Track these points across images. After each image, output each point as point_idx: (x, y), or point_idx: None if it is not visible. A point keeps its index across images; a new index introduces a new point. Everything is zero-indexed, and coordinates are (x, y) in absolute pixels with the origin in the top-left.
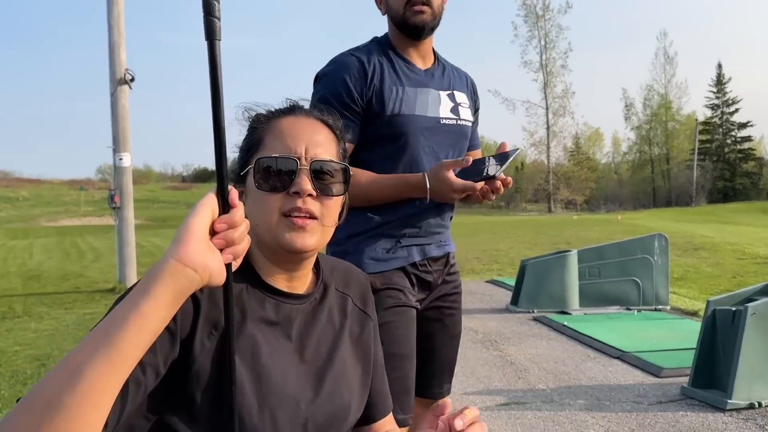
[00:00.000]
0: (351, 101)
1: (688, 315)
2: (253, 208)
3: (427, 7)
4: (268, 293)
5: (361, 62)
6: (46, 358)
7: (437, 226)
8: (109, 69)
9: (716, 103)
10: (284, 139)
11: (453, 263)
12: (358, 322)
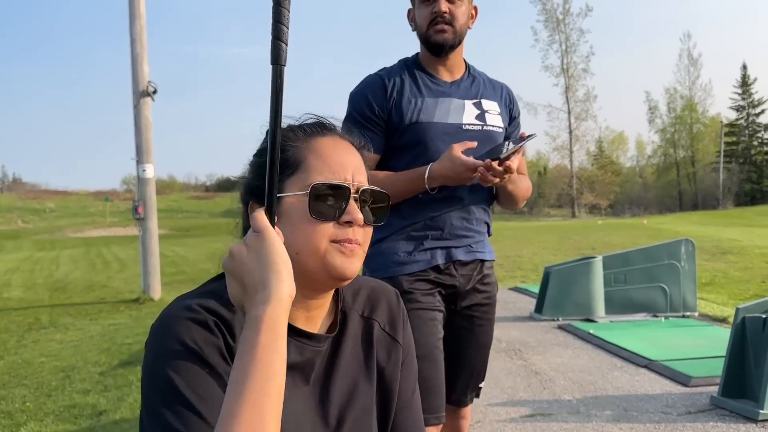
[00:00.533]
0: (372, 115)
1: (716, 321)
2: (295, 234)
3: (449, 27)
4: (293, 335)
5: (382, 79)
6: (70, 370)
7: (464, 230)
8: (132, 81)
9: (742, 105)
10: (331, 164)
11: (487, 273)
12: (385, 349)
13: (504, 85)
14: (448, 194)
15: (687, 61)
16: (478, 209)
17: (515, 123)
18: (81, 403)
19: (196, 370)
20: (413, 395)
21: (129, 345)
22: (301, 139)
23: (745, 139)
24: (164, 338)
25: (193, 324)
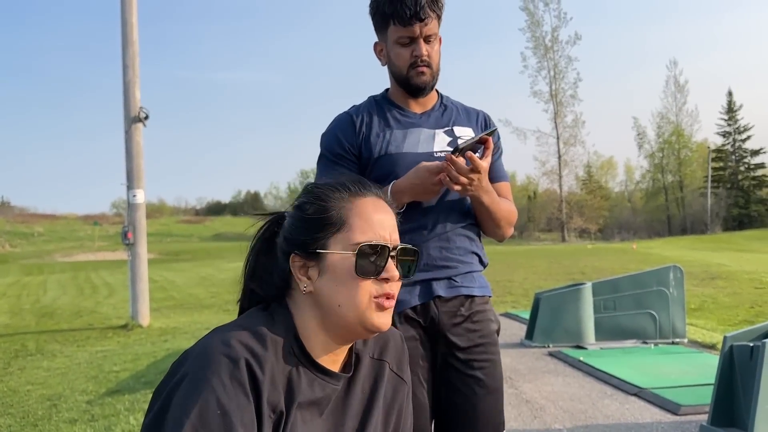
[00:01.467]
0: (343, 151)
1: (706, 348)
2: (338, 289)
3: (428, 69)
4: (316, 371)
5: (350, 116)
6: (57, 398)
7: (443, 260)
8: (124, 107)
9: (728, 131)
10: (373, 224)
11: (479, 309)
12: (393, 387)
13: (481, 111)
14: (421, 223)
15: (674, 88)
16: (459, 237)
17: (495, 150)
18: None
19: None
20: (411, 429)
21: (117, 373)
22: (345, 199)
23: (732, 164)
24: (201, 370)
25: (229, 363)
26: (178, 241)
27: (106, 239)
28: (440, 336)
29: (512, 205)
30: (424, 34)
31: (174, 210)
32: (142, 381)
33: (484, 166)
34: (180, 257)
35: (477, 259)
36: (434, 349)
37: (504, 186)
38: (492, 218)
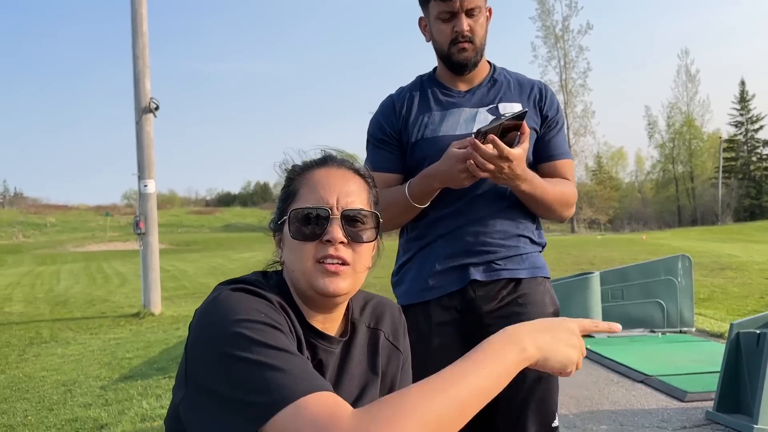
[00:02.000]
0: (385, 136)
1: (713, 337)
2: (289, 255)
3: (470, 44)
4: (308, 333)
5: (392, 100)
6: (72, 384)
7: (480, 245)
8: (134, 98)
9: (740, 120)
10: (317, 191)
11: (526, 292)
12: (388, 356)
13: (537, 83)
14: (455, 208)
15: (685, 77)
16: (499, 221)
17: (551, 122)
18: (82, 416)
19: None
20: None
21: (129, 359)
22: (299, 173)
23: (743, 154)
24: (223, 312)
25: (246, 294)
26: (188, 231)
27: (117, 230)
28: (480, 322)
29: (568, 186)
30: (465, 8)
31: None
32: (154, 367)
33: (516, 153)
34: (191, 247)
35: (527, 241)
36: (474, 336)
37: (563, 164)
38: (539, 205)
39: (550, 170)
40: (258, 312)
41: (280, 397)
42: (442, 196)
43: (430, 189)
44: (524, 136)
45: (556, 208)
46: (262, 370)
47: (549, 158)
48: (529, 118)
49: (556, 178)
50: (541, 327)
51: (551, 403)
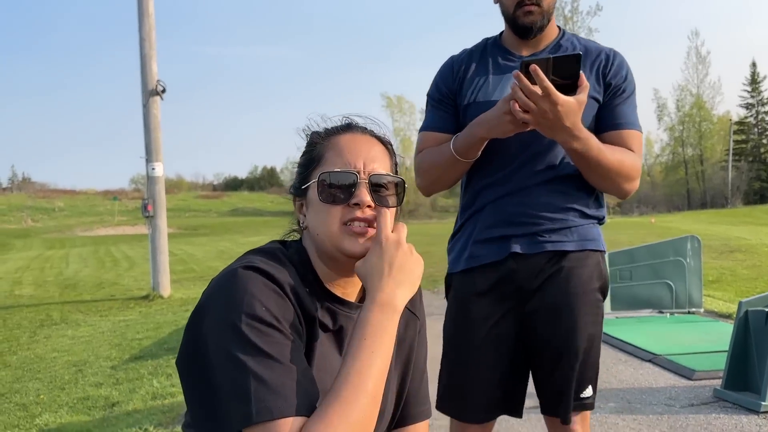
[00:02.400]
0: (441, 96)
1: (722, 318)
2: (315, 218)
3: (536, 7)
4: (327, 300)
5: (452, 60)
6: (83, 364)
7: (523, 216)
8: (141, 81)
9: (751, 102)
10: (344, 155)
11: (573, 265)
12: (406, 322)
13: (605, 50)
14: (498, 177)
15: (695, 59)
16: (545, 192)
17: (615, 89)
18: (94, 395)
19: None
20: (425, 364)
21: (140, 340)
22: (323, 138)
23: (754, 137)
24: (233, 290)
25: (258, 278)
26: (196, 216)
27: (125, 214)
28: (520, 295)
29: (630, 156)
30: None
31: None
32: (164, 347)
33: (563, 98)
34: (198, 231)
35: (577, 214)
36: (515, 308)
37: (627, 135)
38: (593, 170)
39: (612, 140)
40: (261, 306)
41: (252, 412)
42: (488, 162)
43: (475, 139)
44: (581, 88)
45: (614, 178)
46: (247, 376)
47: (612, 127)
48: (590, 85)
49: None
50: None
51: (588, 371)
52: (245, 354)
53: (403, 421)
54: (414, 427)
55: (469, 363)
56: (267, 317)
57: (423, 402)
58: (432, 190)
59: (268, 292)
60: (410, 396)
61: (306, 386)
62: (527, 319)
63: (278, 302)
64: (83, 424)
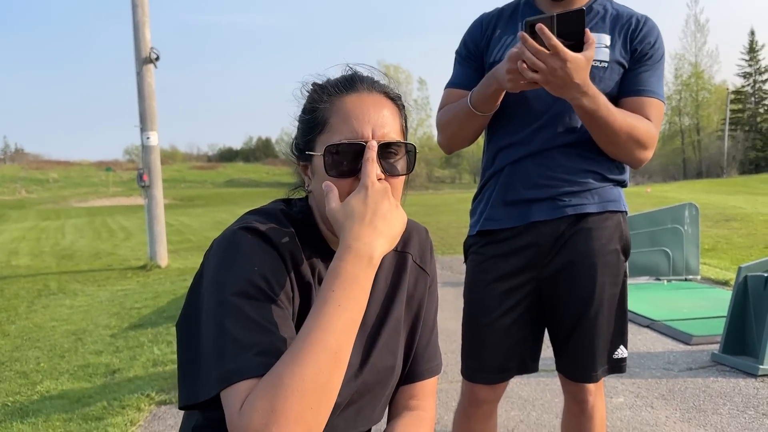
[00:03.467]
0: (467, 52)
1: (718, 284)
2: (321, 189)
3: None
4: (331, 259)
5: (482, 18)
6: (82, 333)
7: (543, 178)
8: (135, 48)
9: (748, 71)
10: (351, 122)
11: (591, 227)
12: (415, 278)
13: (636, 16)
14: (517, 138)
15: (694, 27)
16: (565, 155)
17: (640, 55)
18: (94, 362)
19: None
20: (435, 320)
21: (138, 309)
22: (326, 100)
23: (751, 106)
24: (228, 251)
25: (256, 241)
26: (191, 187)
27: (120, 185)
28: (540, 260)
29: (644, 123)
30: None
31: (186, 156)
32: (164, 316)
33: (571, 55)
34: (194, 203)
35: (597, 177)
36: (535, 272)
37: (647, 102)
38: (602, 131)
39: (631, 106)
40: (253, 269)
41: (224, 373)
42: (508, 122)
43: (489, 90)
44: (588, 45)
45: (624, 143)
46: (225, 338)
47: (633, 93)
48: (616, 50)
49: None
50: (369, 225)
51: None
52: (229, 317)
53: (412, 377)
54: (423, 383)
55: (483, 325)
56: (258, 281)
57: (432, 358)
58: (452, 145)
59: (263, 255)
60: (419, 352)
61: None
62: (546, 281)
63: (272, 266)
64: (84, 391)
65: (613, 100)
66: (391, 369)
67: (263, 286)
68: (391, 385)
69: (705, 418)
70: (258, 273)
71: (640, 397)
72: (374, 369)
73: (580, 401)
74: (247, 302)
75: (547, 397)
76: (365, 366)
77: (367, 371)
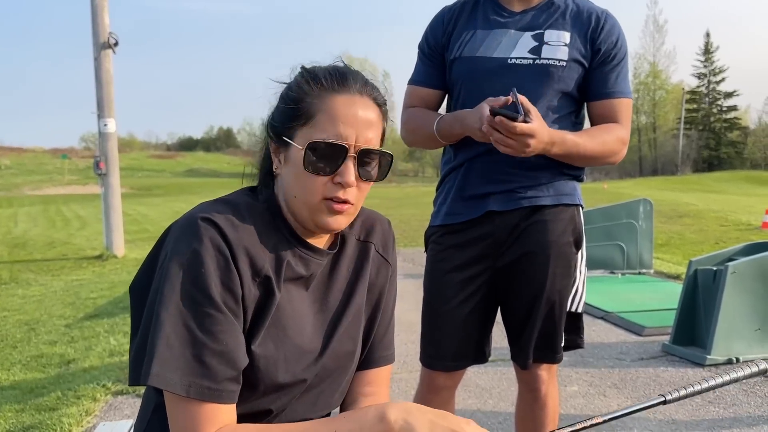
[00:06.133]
0: (429, 49)
1: (670, 278)
2: (293, 181)
3: None
4: (300, 247)
5: (442, 13)
6: (35, 323)
7: (502, 173)
8: (92, 33)
9: (703, 72)
10: (337, 123)
11: (545, 219)
12: (377, 268)
13: (598, 11)
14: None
15: (652, 28)
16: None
17: (605, 55)
18: (48, 353)
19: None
20: (393, 310)
21: (94, 299)
22: (318, 94)
23: (705, 106)
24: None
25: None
26: (149, 176)
27: (76, 173)
28: (496, 251)
29: (613, 132)
30: None
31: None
32: (120, 306)
33: (534, 127)
34: (152, 192)
35: (554, 171)
36: (493, 264)
37: (615, 104)
38: (577, 161)
39: (600, 110)
40: (203, 273)
41: (147, 373)
42: None
43: (455, 132)
44: (532, 114)
45: (599, 159)
46: (159, 336)
47: (602, 95)
48: (575, 48)
49: (603, 124)
50: (415, 408)
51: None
52: (168, 315)
53: (368, 365)
54: (378, 370)
55: (441, 313)
56: (205, 286)
57: (388, 347)
58: (414, 147)
59: (217, 256)
60: (376, 340)
61: (213, 366)
62: (501, 271)
63: (224, 271)
64: (38, 381)
65: (571, 98)
66: (351, 354)
67: (210, 292)
68: (350, 370)
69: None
70: (207, 278)
71: (593, 385)
72: (334, 354)
73: (534, 389)
74: (192, 307)
75: (503, 386)
76: (326, 351)
77: (328, 356)
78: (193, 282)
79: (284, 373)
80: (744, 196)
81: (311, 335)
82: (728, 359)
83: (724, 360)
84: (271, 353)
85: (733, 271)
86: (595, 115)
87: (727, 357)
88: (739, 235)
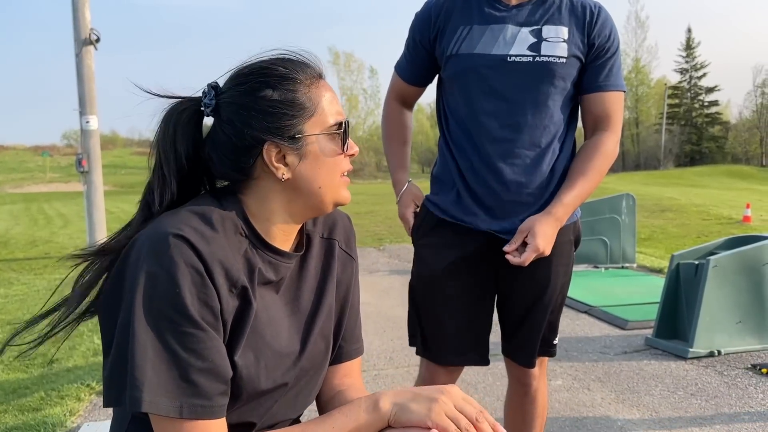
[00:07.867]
0: (414, 44)
1: (653, 272)
2: (316, 172)
3: None
4: (269, 253)
5: (429, 7)
6: (17, 323)
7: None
8: (74, 29)
9: (685, 68)
10: (335, 105)
11: None
12: (342, 264)
13: (592, 5)
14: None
15: (635, 23)
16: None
17: (599, 49)
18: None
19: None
20: (358, 303)
21: None
22: (311, 83)
23: (687, 101)
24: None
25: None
26: (132, 173)
27: (58, 171)
28: (495, 245)
29: (601, 149)
30: None
31: (127, 142)
32: None
33: (540, 245)
34: (136, 189)
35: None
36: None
37: (608, 98)
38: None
39: (593, 102)
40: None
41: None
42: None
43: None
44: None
45: (600, 179)
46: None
47: (594, 89)
48: (573, 44)
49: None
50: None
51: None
52: (150, 339)
53: (341, 358)
54: (350, 363)
55: (444, 307)
56: (182, 306)
57: (358, 339)
58: None
59: (192, 274)
60: (347, 334)
61: (202, 384)
62: (503, 267)
63: (200, 287)
64: (21, 381)
65: (570, 94)
66: (325, 353)
67: (189, 311)
68: (325, 367)
69: (638, 399)
70: (182, 296)
71: (578, 379)
72: (311, 355)
73: (525, 384)
74: (170, 331)
75: (489, 381)
76: (304, 352)
77: (305, 357)
78: (169, 303)
79: (266, 379)
80: (725, 191)
81: (287, 339)
82: (710, 352)
83: (706, 353)
84: (251, 362)
85: (715, 264)
86: (587, 109)
87: (709, 350)
88: (720, 229)
